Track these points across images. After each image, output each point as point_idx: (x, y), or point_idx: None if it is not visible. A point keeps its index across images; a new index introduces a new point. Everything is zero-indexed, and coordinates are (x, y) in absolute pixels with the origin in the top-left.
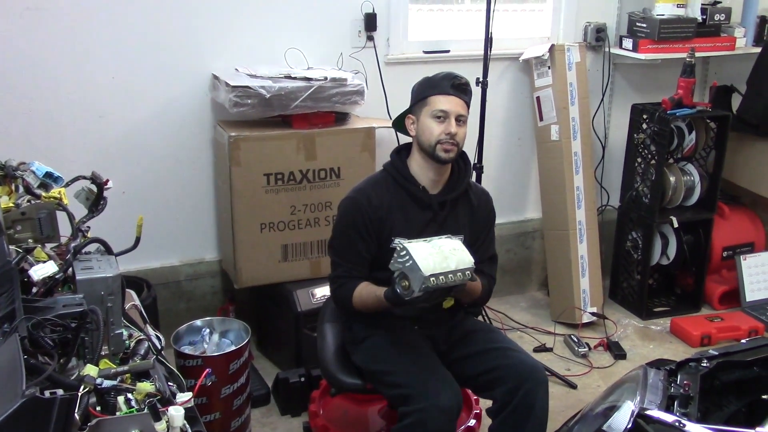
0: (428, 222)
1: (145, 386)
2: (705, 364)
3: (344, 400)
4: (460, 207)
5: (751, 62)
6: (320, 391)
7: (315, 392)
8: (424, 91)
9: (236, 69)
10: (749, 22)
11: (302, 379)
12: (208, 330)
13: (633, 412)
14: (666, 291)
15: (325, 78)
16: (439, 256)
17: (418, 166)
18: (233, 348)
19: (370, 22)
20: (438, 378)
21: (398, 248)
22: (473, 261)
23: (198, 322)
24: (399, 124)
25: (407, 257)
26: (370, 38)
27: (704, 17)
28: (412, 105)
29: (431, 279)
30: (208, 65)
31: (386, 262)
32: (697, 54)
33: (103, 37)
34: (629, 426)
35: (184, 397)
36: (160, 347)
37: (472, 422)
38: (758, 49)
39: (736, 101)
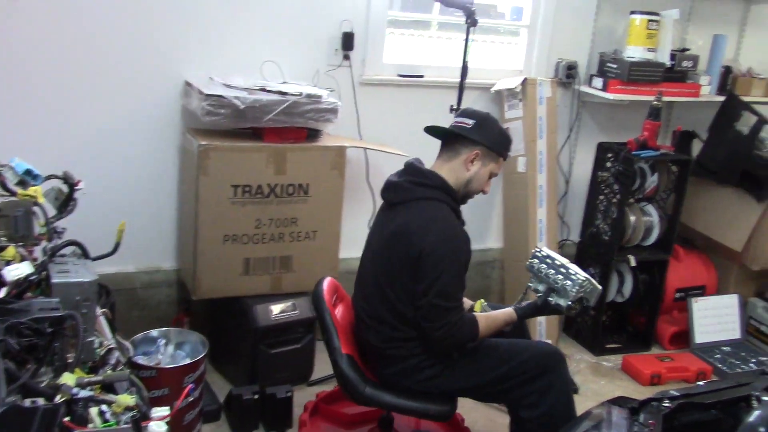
0: None
1: (126, 399)
2: (667, 404)
3: (333, 424)
4: None
5: (713, 110)
6: (308, 412)
7: (303, 414)
8: (503, 149)
9: (210, 77)
10: (714, 71)
11: (256, 397)
12: (163, 341)
13: None
14: (618, 328)
15: (301, 93)
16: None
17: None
18: (189, 361)
19: (348, 41)
20: (534, 342)
21: (573, 273)
22: None
23: (154, 332)
24: (438, 132)
25: (583, 279)
26: (347, 57)
27: (673, 63)
28: (487, 147)
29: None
30: (181, 71)
31: None
32: (664, 98)
33: (76, 36)
34: None
35: (162, 412)
36: (127, 357)
37: None
38: (721, 98)
39: (696, 147)
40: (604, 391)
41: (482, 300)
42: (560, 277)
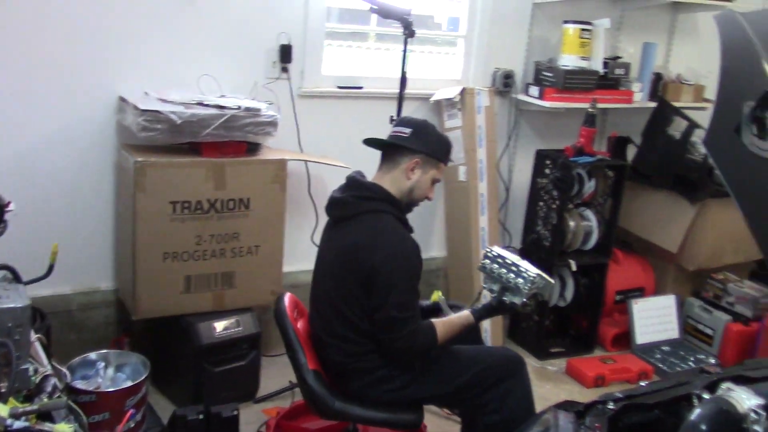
0: None
1: (63, 428)
2: (611, 407)
3: None
4: None
5: (646, 116)
6: (271, 430)
7: None
8: (443, 155)
9: (146, 92)
10: (645, 78)
11: (201, 417)
12: (103, 363)
13: None
14: (561, 332)
15: (239, 107)
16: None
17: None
18: (130, 383)
19: (286, 53)
20: (495, 348)
21: (524, 270)
22: None
23: (93, 355)
24: (376, 143)
25: (534, 275)
26: (285, 70)
27: (606, 70)
28: (427, 154)
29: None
30: (115, 86)
31: None
32: (598, 105)
33: (3, 50)
34: None
35: None
36: (64, 384)
37: None
38: (653, 104)
39: (631, 152)
40: (549, 396)
41: (439, 291)
42: (512, 275)
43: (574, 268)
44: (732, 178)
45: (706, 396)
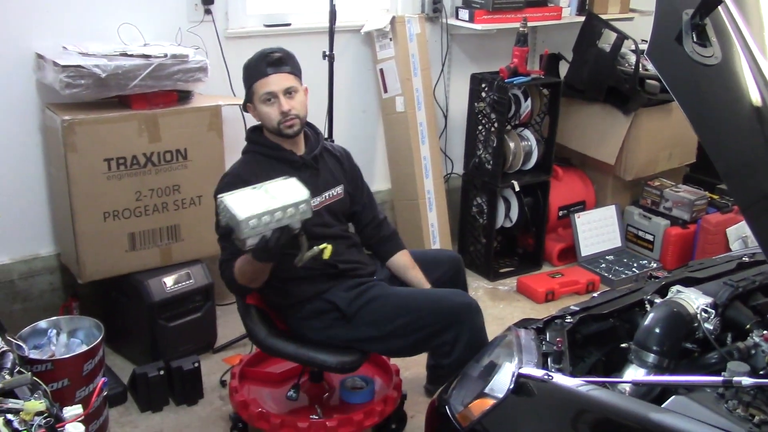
0: (307, 180)
1: (35, 405)
2: (569, 320)
3: (263, 385)
4: (328, 160)
5: (575, 31)
6: (236, 378)
7: (232, 382)
8: (247, 81)
9: (64, 47)
10: None
11: (161, 373)
12: (54, 331)
13: (514, 373)
14: (509, 252)
15: (165, 55)
16: (264, 197)
17: (275, 140)
18: (85, 348)
19: None
20: (445, 293)
21: (218, 204)
22: (307, 193)
23: (43, 323)
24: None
25: (224, 209)
26: (208, 12)
27: None
28: (246, 95)
29: (251, 222)
30: (29, 43)
31: None
32: (529, 24)
33: None
34: (511, 387)
35: (75, 411)
36: (23, 357)
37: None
38: (581, 18)
39: (564, 68)
40: (503, 315)
41: (330, 248)
42: None
43: (517, 188)
44: (677, 87)
45: (657, 300)
